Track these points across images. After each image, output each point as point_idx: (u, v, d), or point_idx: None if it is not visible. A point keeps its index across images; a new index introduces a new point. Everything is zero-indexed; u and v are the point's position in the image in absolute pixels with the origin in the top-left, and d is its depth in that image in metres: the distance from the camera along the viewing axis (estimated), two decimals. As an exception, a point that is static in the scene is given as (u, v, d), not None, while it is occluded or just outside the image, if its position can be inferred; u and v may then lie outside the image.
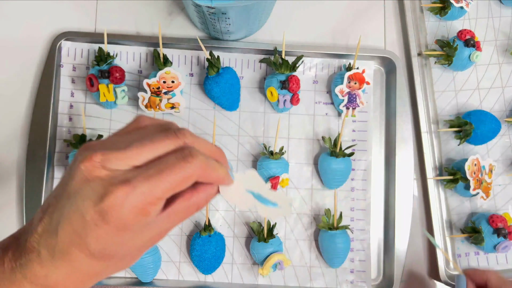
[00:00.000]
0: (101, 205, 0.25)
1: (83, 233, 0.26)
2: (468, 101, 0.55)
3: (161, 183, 0.25)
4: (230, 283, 0.50)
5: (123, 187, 0.25)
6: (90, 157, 0.26)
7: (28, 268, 0.26)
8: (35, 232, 0.27)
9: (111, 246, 0.26)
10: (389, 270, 0.51)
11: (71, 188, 0.26)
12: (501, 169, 0.54)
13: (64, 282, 0.27)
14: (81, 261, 0.26)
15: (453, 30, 0.55)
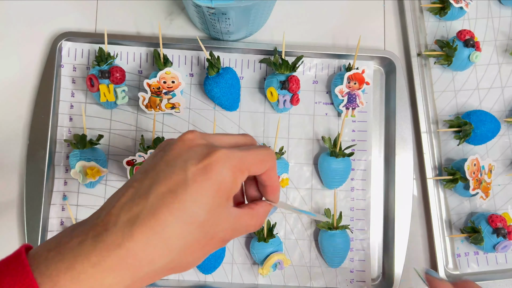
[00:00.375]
0: (204, 161, 0.27)
1: (179, 190, 0.26)
2: (468, 101, 0.55)
3: (250, 155, 0.29)
4: (230, 283, 0.51)
5: (223, 150, 0.28)
6: (191, 132, 0.29)
7: (100, 239, 0.25)
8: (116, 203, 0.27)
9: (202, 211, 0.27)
10: (389, 270, 0.51)
11: (170, 157, 0.28)
12: (500, 169, 0.54)
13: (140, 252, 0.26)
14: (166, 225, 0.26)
15: (452, 30, 0.55)
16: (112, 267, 0.25)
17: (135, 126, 0.52)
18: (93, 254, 0.25)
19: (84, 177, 0.48)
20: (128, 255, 0.25)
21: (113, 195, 0.28)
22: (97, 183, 0.50)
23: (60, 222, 0.51)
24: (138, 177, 0.28)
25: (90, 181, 0.49)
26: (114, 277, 0.25)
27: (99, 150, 0.50)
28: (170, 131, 0.52)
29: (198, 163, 0.27)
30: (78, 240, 0.26)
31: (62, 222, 0.51)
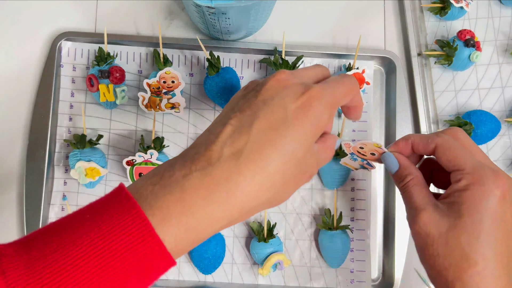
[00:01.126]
0: (302, 99, 0.28)
1: (281, 127, 0.27)
2: (468, 101, 0.55)
3: (339, 89, 0.31)
4: (230, 283, 0.51)
5: (318, 87, 0.29)
6: (282, 72, 0.30)
7: (206, 172, 0.26)
8: (216, 140, 0.27)
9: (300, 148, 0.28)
10: (389, 270, 0.51)
11: (266, 95, 0.29)
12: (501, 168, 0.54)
13: (247, 186, 0.27)
14: (270, 161, 0.27)
15: (453, 30, 0.55)
16: (221, 200, 0.26)
17: (135, 126, 0.52)
18: (202, 187, 0.26)
19: (83, 177, 0.48)
20: (236, 188, 0.26)
21: (207, 133, 0.29)
22: (97, 183, 0.50)
23: (59, 222, 0.51)
24: (232, 115, 0.28)
25: (90, 181, 0.49)
26: (223, 211, 0.26)
27: (98, 150, 0.50)
28: (170, 131, 0.52)
29: (296, 101, 0.28)
30: (181, 174, 0.26)
31: (61, 222, 0.51)
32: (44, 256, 0.24)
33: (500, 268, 0.32)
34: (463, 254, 0.32)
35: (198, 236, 0.26)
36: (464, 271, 0.32)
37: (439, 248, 0.33)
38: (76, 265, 0.24)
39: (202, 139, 0.28)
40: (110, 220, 0.25)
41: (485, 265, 0.32)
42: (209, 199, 0.26)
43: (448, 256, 0.33)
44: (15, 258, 0.24)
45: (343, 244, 0.49)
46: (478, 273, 0.32)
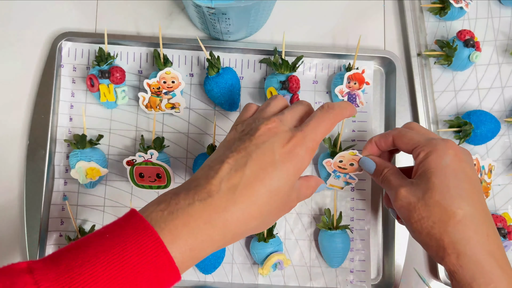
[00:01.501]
0: (288, 145, 0.35)
1: (269, 169, 0.34)
2: (468, 101, 0.55)
3: (320, 130, 0.36)
4: (230, 283, 0.51)
5: (300, 133, 0.35)
6: (272, 120, 0.36)
7: (207, 202, 0.32)
8: (215, 175, 0.33)
9: (284, 186, 0.34)
10: (389, 270, 0.51)
11: (259, 140, 0.35)
12: (500, 169, 0.54)
13: (240, 216, 0.32)
14: (259, 195, 0.33)
15: (452, 30, 0.55)
16: (220, 225, 0.32)
17: (135, 126, 0.52)
18: (204, 214, 0.31)
19: (84, 177, 0.48)
20: (232, 217, 0.32)
21: (206, 169, 0.34)
22: (97, 183, 0.50)
23: (60, 222, 0.51)
24: (229, 154, 0.34)
25: (90, 181, 0.49)
26: (220, 234, 0.32)
27: (99, 150, 0.50)
28: (170, 131, 0.52)
29: (283, 147, 0.34)
30: (186, 203, 0.31)
31: (62, 222, 0.51)
32: (71, 269, 0.28)
33: (478, 215, 0.37)
34: (442, 209, 0.37)
35: (199, 254, 0.32)
36: (447, 224, 0.36)
37: (421, 211, 0.38)
38: (100, 276, 0.28)
39: (202, 173, 0.34)
40: (128, 239, 0.29)
41: (463, 213, 0.36)
42: (210, 224, 0.31)
43: (430, 215, 0.37)
44: (45, 271, 0.28)
45: (343, 244, 0.49)
46: (459, 222, 0.36)
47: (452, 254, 0.36)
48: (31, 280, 0.27)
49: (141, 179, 0.48)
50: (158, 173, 0.48)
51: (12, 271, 0.28)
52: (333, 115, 0.37)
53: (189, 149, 0.52)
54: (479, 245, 0.36)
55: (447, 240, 0.36)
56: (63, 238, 0.50)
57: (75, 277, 0.27)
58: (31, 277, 0.27)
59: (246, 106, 0.41)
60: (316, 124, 0.36)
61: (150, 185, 0.49)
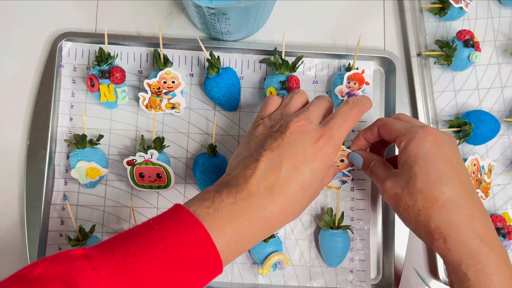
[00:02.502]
0: (318, 143, 0.37)
1: (302, 167, 0.36)
2: (468, 101, 0.55)
3: (345, 127, 0.39)
4: (230, 283, 0.51)
5: (329, 131, 0.38)
6: (301, 118, 0.38)
7: (249, 201, 0.34)
8: (253, 174, 0.35)
9: (315, 182, 0.37)
10: (389, 270, 0.51)
11: (291, 139, 0.37)
12: (500, 169, 0.54)
13: (278, 213, 0.35)
14: (294, 193, 0.35)
15: (452, 30, 0.55)
16: (260, 223, 0.34)
17: (135, 126, 0.52)
18: (247, 213, 0.33)
19: (84, 177, 0.48)
20: (271, 214, 0.34)
21: (242, 166, 0.36)
22: (97, 183, 0.50)
23: (60, 222, 0.51)
24: (264, 153, 0.36)
25: (90, 181, 0.49)
26: (260, 230, 0.34)
27: (99, 150, 0.50)
28: (170, 131, 0.52)
29: (314, 145, 0.37)
30: (229, 201, 0.33)
31: (62, 222, 0.51)
32: (126, 257, 0.30)
33: (460, 198, 0.37)
34: (424, 196, 0.38)
35: (242, 248, 0.34)
36: (431, 209, 0.37)
37: (406, 200, 0.39)
38: (153, 265, 0.30)
39: (238, 171, 0.36)
40: (179, 231, 0.31)
41: (445, 199, 0.37)
42: (252, 222, 0.34)
43: (415, 203, 0.38)
44: (101, 258, 0.29)
45: (344, 243, 0.49)
46: (441, 207, 0.37)
47: (440, 238, 0.37)
48: (89, 266, 0.29)
49: (141, 179, 0.48)
50: (158, 173, 0.48)
51: (70, 256, 0.29)
52: (357, 111, 0.40)
53: (189, 149, 0.52)
54: (464, 227, 0.36)
55: (433, 226, 0.37)
56: (63, 238, 0.50)
57: (130, 265, 0.29)
58: (88, 263, 0.29)
59: (268, 98, 0.43)
60: (342, 121, 0.39)
61: (150, 185, 0.49)
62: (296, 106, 0.41)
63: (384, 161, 0.44)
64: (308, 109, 0.40)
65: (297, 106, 0.41)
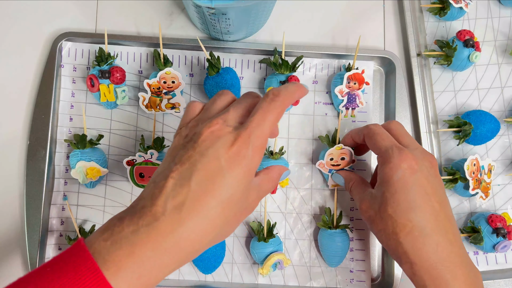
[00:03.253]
0: (233, 148, 0.31)
1: (217, 178, 0.31)
2: (468, 101, 0.55)
3: (265, 124, 0.33)
4: (230, 283, 0.51)
5: (245, 132, 0.32)
6: (215, 122, 0.33)
7: (152, 227, 0.29)
8: (160, 194, 0.30)
9: (236, 192, 0.32)
10: (389, 270, 0.51)
11: (203, 147, 0.32)
12: (500, 169, 0.54)
13: (191, 235, 0.30)
14: (210, 208, 0.30)
15: (452, 30, 0.55)
16: (168, 250, 0.29)
17: (135, 126, 0.52)
18: (149, 241, 0.29)
19: (84, 177, 0.48)
20: (180, 239, 0.30)
21: (152, 186, 0.31)
22: (97, 183, 0.50)
23: (60, 222, 0.51)
24: (174, 168, 0.31)
25: (90, 181, 0.49)
26: (170, 258, 0.30)
27: (99, 150, 0.50)
28: (170, 131, 0.52)
29: (228, 151, 0.31)
30: (130, 230, 0.29)
31: (62, 222, 0.51)
32: None
33: (428, 227, 0.38)
34: (393, 222, 0.38)
35: (150, 281, 0.29)
36: (398, 236, 0.38)
37: (378, 224, 0.40)
38: None
39: (148, 191, 0.31)
40: (68, 273, 0.28)
41: (412, 226, 0.38)
42: (157, 250, 0.29)
43: (386, 228, 0.39)
44: None
45: (343, 243, 0.49)
46: (408, 233, 0.38)
47: (406, 263, 0.38)
48: None
49: (141, 179, 0.48)
50: (158, 173, 0.48)
51: None
52: (279, 104, 0.34)
53: (189, 149, 0.52)
54: (428, 255, 0.37)
55: (401, 250, 0.38)
56: (63, 238, 0.50)
57: None
58: None
59: (189, 104, 0.37)
60: (261, 118, 0.33)
61: (150, 185, 0.49)
62: (218, 109, 0.36)
63: (362, 181, 0.45)
64: (228, 110, 0.35)
65: (219, 108, 0.36)
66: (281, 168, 0.39)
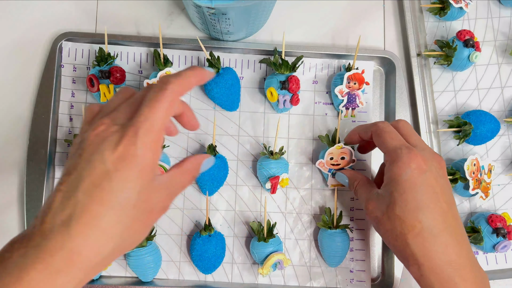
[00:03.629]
0: (119, 149, 0.28)
1: (104, 183, 0.28)
2: (468, 101, 0.55)
3: (156, 115, 0.29)
4: (230, 283, 0.51)
5: (131, 129, 0.29)
6: (101, 123, 0.30)
7: (41, 247, 0.27)
8: (49, 210, 0.28)
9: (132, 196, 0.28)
10: (389, 270, 0.51)
11: (88, 153, 0.29)
12: (500, 169, 0.54)
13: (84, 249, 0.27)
14: (101, 218, 0.27)
15: (452, 30, 0.55)
16: (60, 268, 0.26)
17: (135, 126, 0.52)
18: (37, 262, 0.26)
19: (84, 177, 0.48)
20: (72, 254, 0.27)
21: (44, 204, 0.29)
22: (97, 183, 0.50)
23: (60, 222, 0.51)
24: (63, 179, 0.29)
25: (90, 181, 0.49)
26: (64, 276, 0.27)
27: (99, 150, 0.50)
28: (170, 131, 0.52)
29: (113, 153, 0.28)
30: (19, 253, 0.27)
31: (62, 222, 0.51)
32: None
33: (437, 228, 0.37)
34: (402, 222, 0.38)
35: None
36: (407, 236, 0.38)
37: (386, 224, 0.39)
38: None
39: (41, 210, 0.29)
40: None
41: (421, 227, 0.37)
42: (47, 271, 0.26)
43: (393, 228, 0.39)
44: None
45: (343, 243, 0.49)
46: (417, 234, 0.37)
47: (414, 265, 0.38)
48: None
49: (141, 179, 0.48)
50: (158, 173, 0.48)
51: None
52: (169, 92, 0.30)
53: (189, 149, 0.52)
54: (437, 256, 0.37)
55: (408, 252, 0.38)
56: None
57: None
58: None
59: (86, 108, 0.34)
60: (149, 110, 0.29)
61: (150, 185, 0.49)
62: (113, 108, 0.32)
63: (367, 180, 0.45)
64: (118, 108, 0.31)
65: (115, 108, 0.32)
66: (198, 158, 0.34)
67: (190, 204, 0.51)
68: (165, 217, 0.51)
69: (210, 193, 0.50)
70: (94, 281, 0.49)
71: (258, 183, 0.52)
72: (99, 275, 0.50)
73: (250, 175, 0.52)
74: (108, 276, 0.50)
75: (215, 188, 0.50)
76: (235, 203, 0.52)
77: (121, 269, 0.50)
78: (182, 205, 0.51)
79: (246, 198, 0.52)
